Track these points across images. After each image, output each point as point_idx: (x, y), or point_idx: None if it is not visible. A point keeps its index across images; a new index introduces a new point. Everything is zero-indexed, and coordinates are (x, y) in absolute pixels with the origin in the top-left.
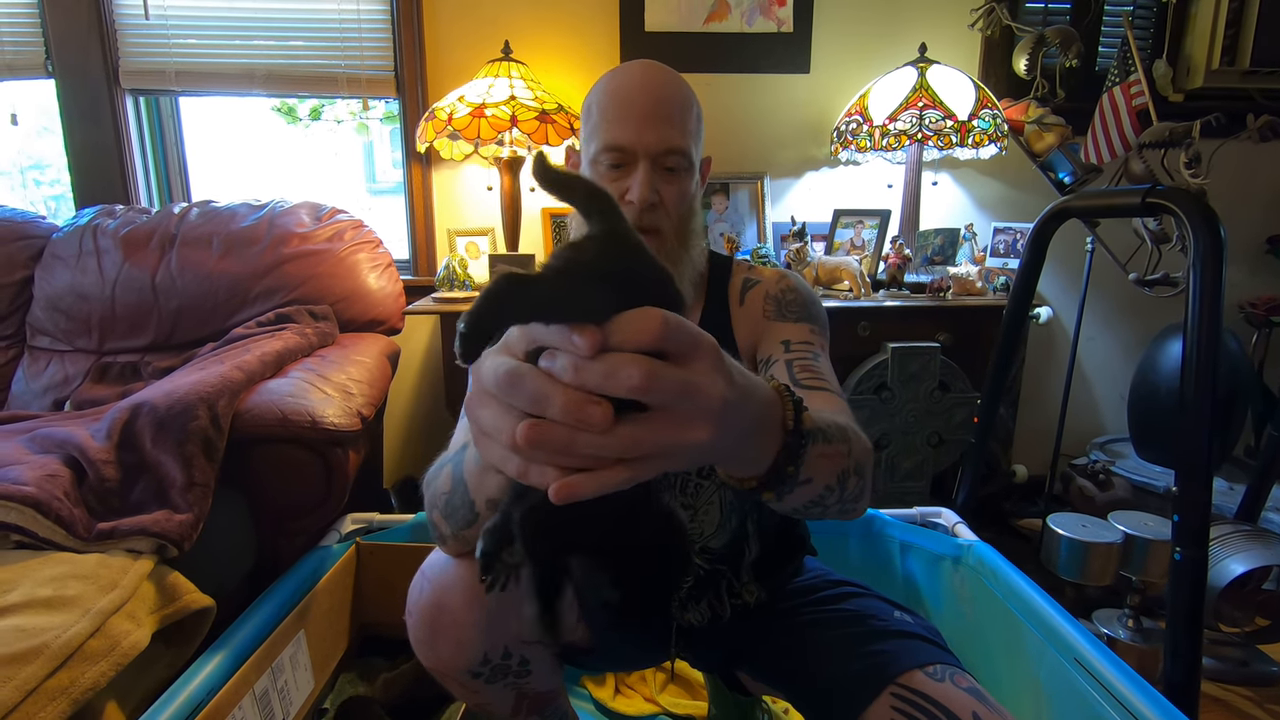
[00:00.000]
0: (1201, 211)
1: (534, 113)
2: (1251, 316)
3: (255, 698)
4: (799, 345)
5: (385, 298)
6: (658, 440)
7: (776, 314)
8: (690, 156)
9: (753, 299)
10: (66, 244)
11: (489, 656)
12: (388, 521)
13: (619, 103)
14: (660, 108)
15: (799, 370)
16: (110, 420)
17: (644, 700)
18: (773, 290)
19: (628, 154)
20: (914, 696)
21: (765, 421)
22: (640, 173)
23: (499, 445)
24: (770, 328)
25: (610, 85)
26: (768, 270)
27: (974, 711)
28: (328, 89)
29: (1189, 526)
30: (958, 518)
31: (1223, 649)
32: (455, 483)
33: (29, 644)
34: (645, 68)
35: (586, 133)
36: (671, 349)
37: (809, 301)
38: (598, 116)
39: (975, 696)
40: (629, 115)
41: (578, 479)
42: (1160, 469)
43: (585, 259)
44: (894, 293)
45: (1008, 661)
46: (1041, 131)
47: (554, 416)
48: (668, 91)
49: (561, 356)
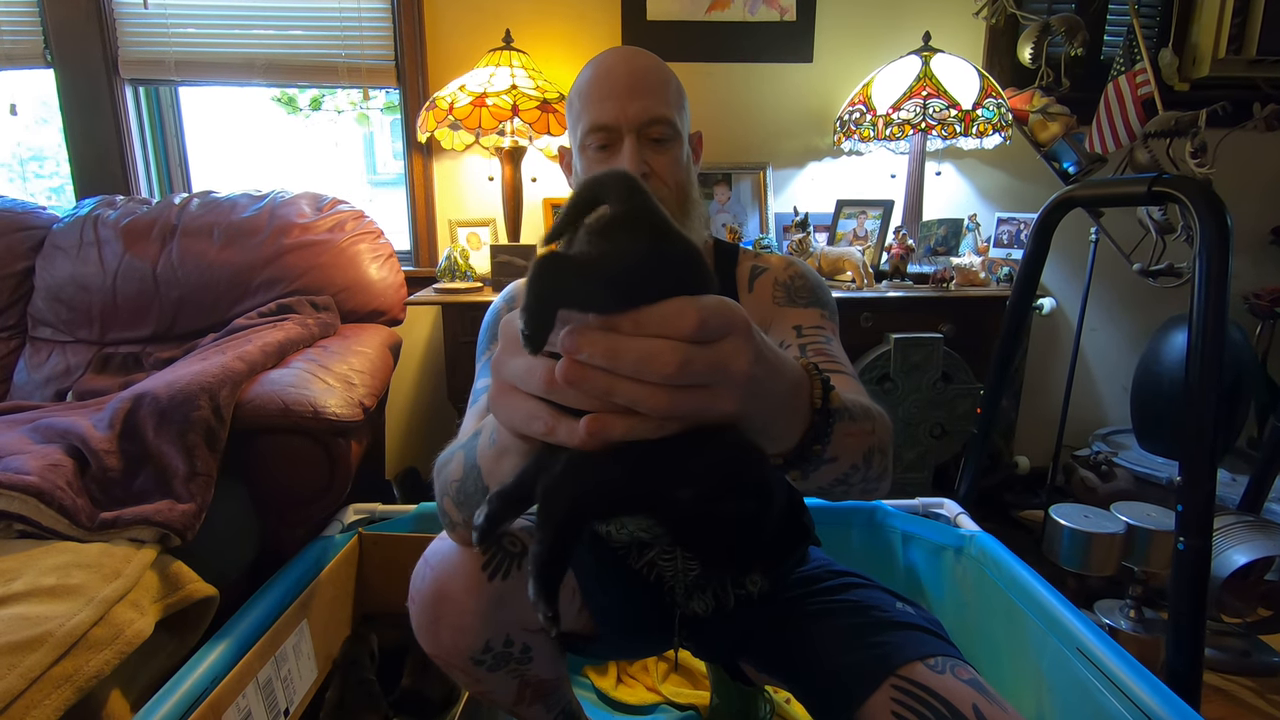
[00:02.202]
0: (1207, 199)
1: (535, 102)
2: (1256, 308)
3: (259, 686)
4: (811, 330)
5: (386, 288)
6: (688, 406)
7: (787, 299)
8: (675, 125)
9: (762, 285)
10: (67, 234)
11: (491, 644)
12: (390, 512)
13: (598, 83)
14: (638, 80)
15: (813, 354)
16: (112, 410)
17: (646, 690)
18: (781, 276)
19: (612, 131)
20: (914, 688)
21: (793, 399)
22: (627, 147)
23: (526, 400)
24: (781, 313)
25: (588, 70)
26: (774, 257)
27: (974, 704)
28: (328, 79)
29: (1192, 516)
30: (960, 508)
31: (1225, 639)
32: (468, 469)
33: (33, 632)
34: (620, 50)
35: (572, 122)
36: (705, 337)
37: (817, 286)
38: (579, 103)
39: (976, 688)
40: (609, 93)
41: (610, 418)
42: (1163, 460)
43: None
44: (897, 283)
45: (1010, 651)
46: (1046, 121)
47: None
48: (642, 63)
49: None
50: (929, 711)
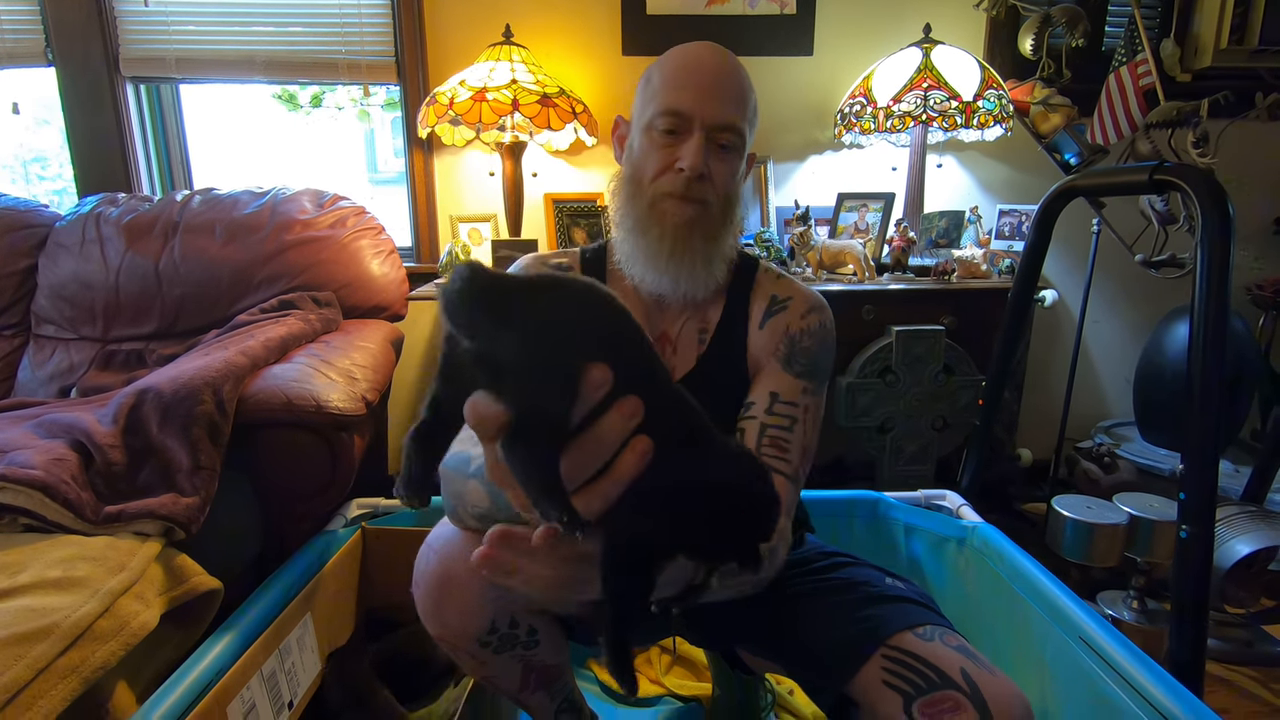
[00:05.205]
0: (1209, 186)
1: (535, 96)
2: (1259, 299)
3: (263, 679)
4: (783, 406)
5: (388, 284)
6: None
7: (784, 360)
8: (744, 137)
9: (773, 328)
10: (69, 232)
11: (497, 624)
12: (393, 506)
13: (685, 71)
14: (724, 82)
15: (767, 443)
16: (116, 405)
17: (649, 682)
18: (794, 327)
19: (684, 120)
20: (904, 656)
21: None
22: (694, 140)
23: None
24: (771, 369)
25: (676, 55)
26: (799, 291)
27: (962, 668)
28: (328, 75)
29: (1195, 503)
30: (962, 500)
31: (1228, 630)
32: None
33: (39, 623)
34: (714, 46)
35: (644, 99)
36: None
37: (821, 351)
38: (659, 83)
39: (964, 654)
40: (692, 83)
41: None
42: (1165, 452)
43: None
44: (898, 276)
45: (1012, 641)
46: (1047, 112)
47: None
48: (733, 69)
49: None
50: (918, 678)
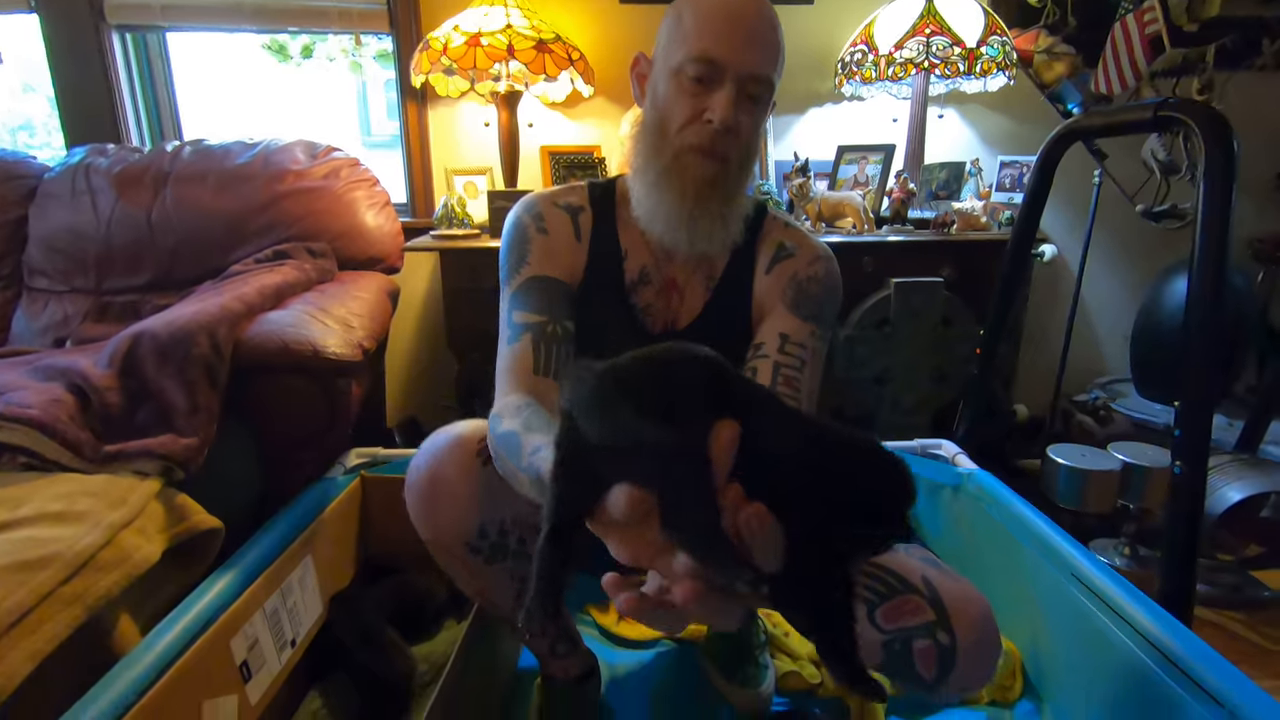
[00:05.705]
0: (1213, 121)
1: (531, 42)
2: (1260, 252)
3: (265, 615)
4: (793, 347)
5: (383, 236)
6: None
7: (791, 304)
8: (774, 88)
9: (779, 274)
10: (59, 183)
11: (486, 529)
12: (392, 456)
13: (722, 18)
14: (761, 31)
15: (782, 381)
16: (112, 348)
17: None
18: (801, 273)
19: (717, 69)
20: (869, 567)
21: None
22: (726, 91)
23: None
24: (778, 313)
25: None
26: (806, 240)
27: (923, 575)
28: (318, 23)
29: (1190, 439)
30: (958, 448)
31: (1218, 575)
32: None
33: (42, 552)
34: None
35: (672, 39)
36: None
37: (827, 298)
38: (691, 24)
39: (926, 562)
40: (730, 31)
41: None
42: (1161, 407)
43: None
44: (898, 228)
45: (1006, 583)
46: (1051, 61)
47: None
48: (770, 17)
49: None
50: (882, 585)
